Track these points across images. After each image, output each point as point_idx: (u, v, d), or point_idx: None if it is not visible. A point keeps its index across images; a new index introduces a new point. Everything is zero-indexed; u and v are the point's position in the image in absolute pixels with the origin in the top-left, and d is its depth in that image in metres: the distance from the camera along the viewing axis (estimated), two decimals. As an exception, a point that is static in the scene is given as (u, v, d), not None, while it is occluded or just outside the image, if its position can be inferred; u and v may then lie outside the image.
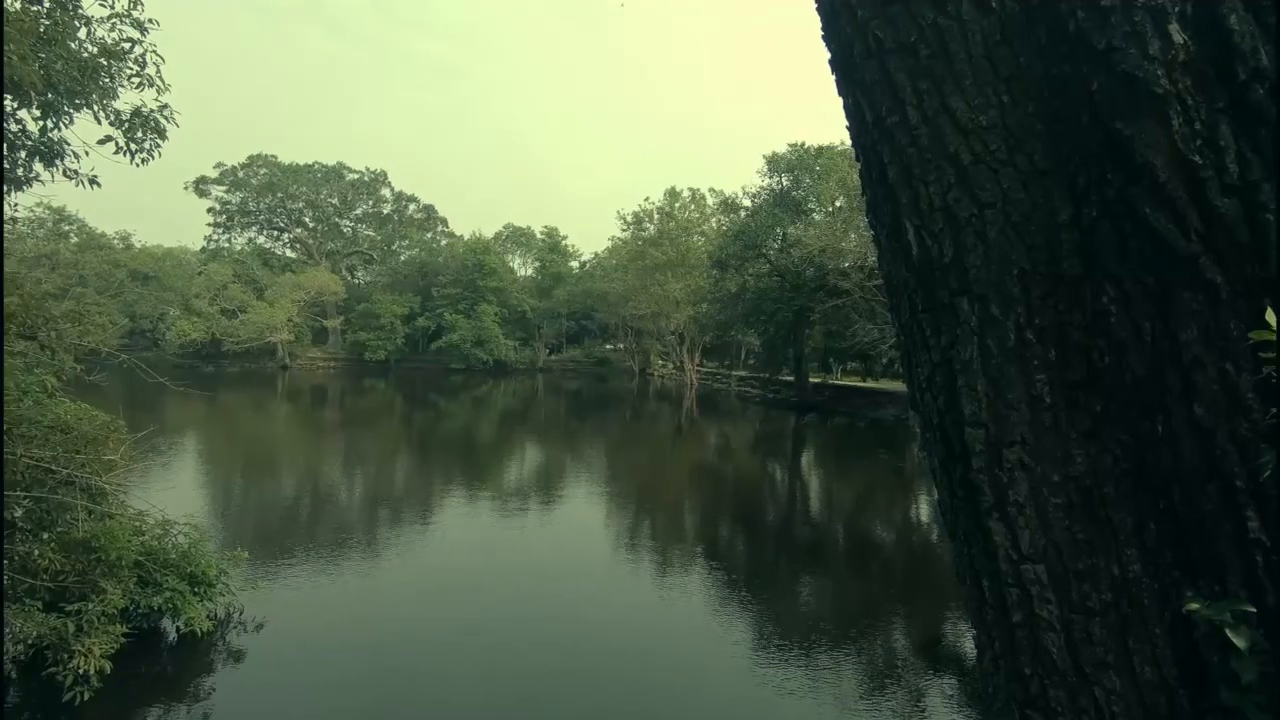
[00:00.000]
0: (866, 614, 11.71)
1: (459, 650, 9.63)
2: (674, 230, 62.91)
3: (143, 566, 8.51)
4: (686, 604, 11.73)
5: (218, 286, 68.68)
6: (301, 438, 32.59)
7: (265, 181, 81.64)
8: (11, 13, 5.19)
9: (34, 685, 7.63)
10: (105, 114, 6.03)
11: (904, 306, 1.78)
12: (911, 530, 18.46)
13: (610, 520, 17.75)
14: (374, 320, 74.29)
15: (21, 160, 5.91)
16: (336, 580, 12.30)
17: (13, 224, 6.72)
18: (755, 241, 45.37)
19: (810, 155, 47.24)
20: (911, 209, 1.68)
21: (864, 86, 1.70)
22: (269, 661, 9.06)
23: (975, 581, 1.65)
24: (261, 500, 19.55)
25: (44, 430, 7.75)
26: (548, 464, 27.53)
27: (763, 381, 54.92)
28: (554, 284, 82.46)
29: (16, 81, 4.85)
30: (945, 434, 1.66)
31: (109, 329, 15.82)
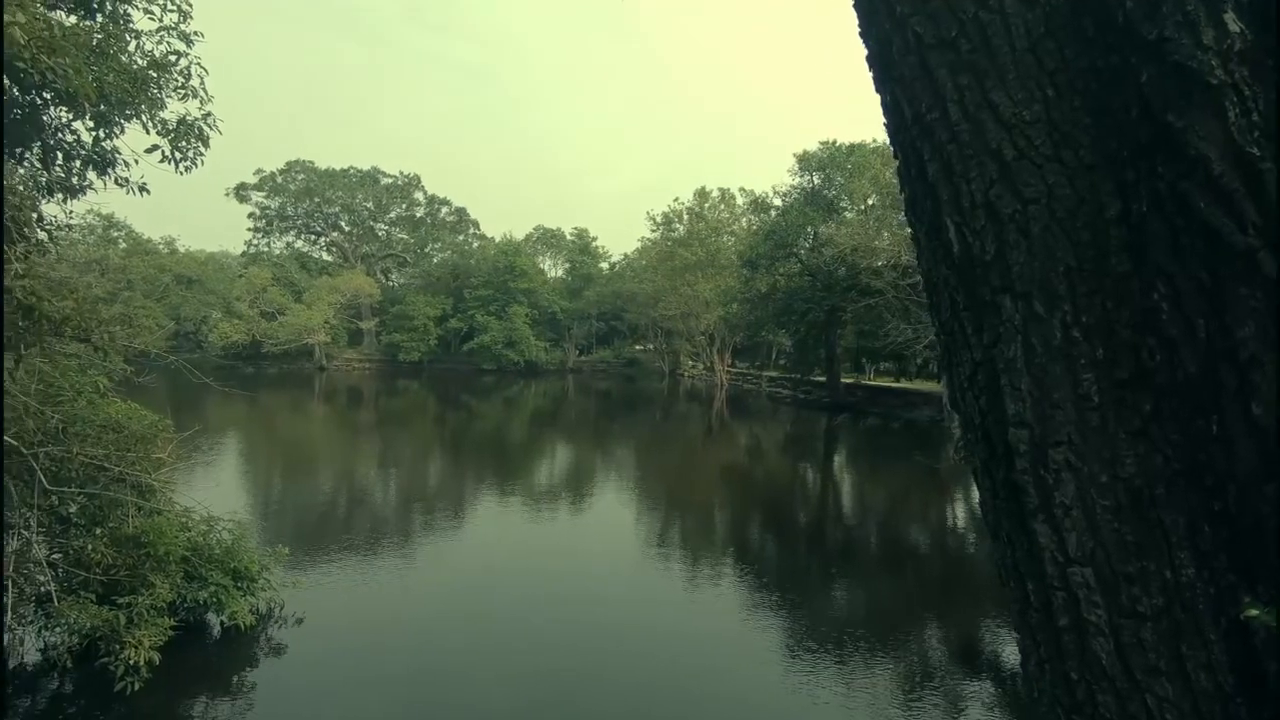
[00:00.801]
0: (901, 618, 11.53)
1: (489, 650, 9.73)
2: (703, 230, 62.78)
3: (189, 562, 8.79)
4: (717, 607, 11.68)
5: (258, 289, 70.61)
6: (338, 437, 33.29)
7: (303, 187, 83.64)
8: (66, 27, 5.42)
9: (87, 675, 7.93)
10: (153, 123, 6.25)
11: (944, 305, 1.76)
12: (947, 533, 18.14)
13: (641, 521, 17.77)
14: (408, 322, 75.53)
15: (76, 169, 6.17)
16: (372, 577, 12.53)
17: (67, 231, 7.05)
18: (786, 241, 45.02)
19: (842, 153, 46.70)
20: (952, 206, 1.65)
21: (903, 83, 1.69)
22: (309, 656, 9.27)
23: (1019, 584, 1.62)
24: (300, 498, 20.02)
25: (97, 429, 8.06)
26: (578, 464, 27.67)
27: (794, 382, 54.45)
28: (584, 285, 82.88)
29: (72, 94, 5.07)
30: (988, 434, 1.63)
31: (156, 331, 16.38)
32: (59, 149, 6.02)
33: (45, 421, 7.45)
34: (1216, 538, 1.33)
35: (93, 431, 7.99)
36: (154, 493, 8.69)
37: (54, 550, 8.24)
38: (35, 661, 8.39)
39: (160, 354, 9.02)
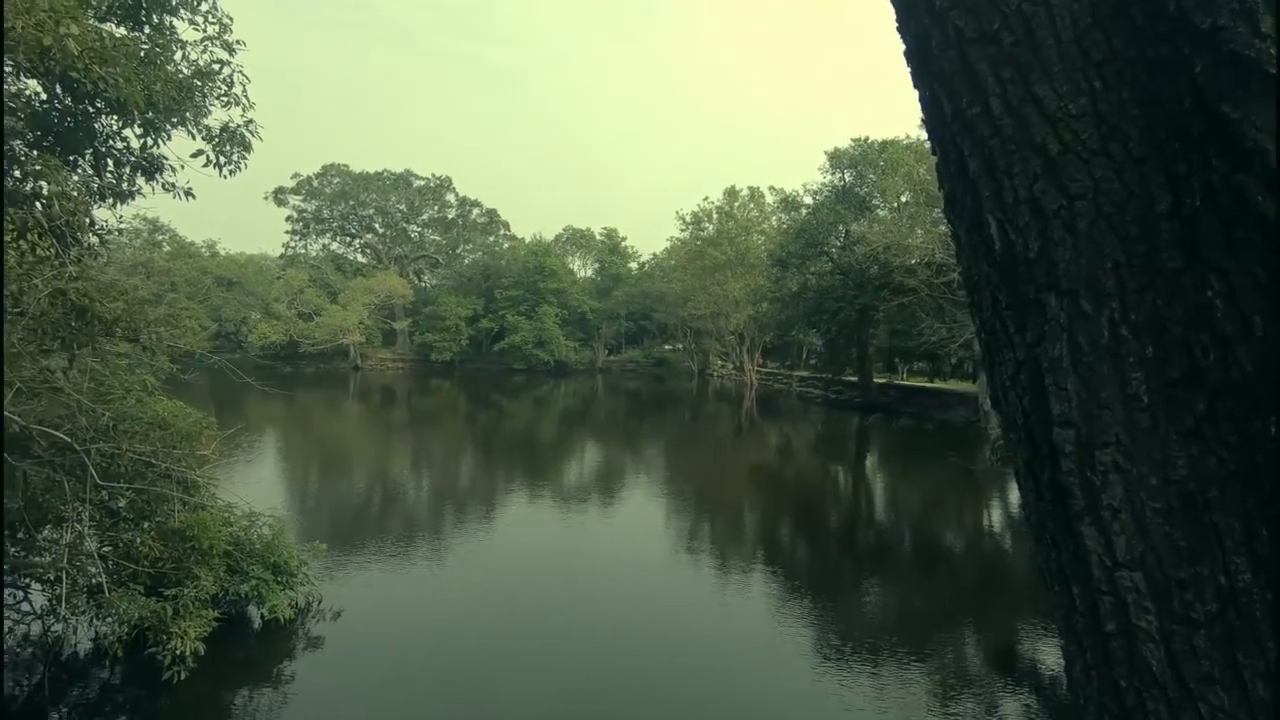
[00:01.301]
0: (936, 622, 11.33)
1: (520, 648, 9.81)
2: (733, 229, 62.46)
3: (231, 556, 9.04)
4: (747, 609, 11.62)
5: (295, 291, 72.29)
6: (373, 436, 33.89)
7: (338, 190, 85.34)
8: (116, 38, 5.62)
9: (136, 664, 8.20)
10: (198, 130, 6.45)
11: (985, 303, 1.73)
12: (983, 535, 17.79)
13: (670, 522, 17.76)
14: (440, 322, 76.56)
15: (126, 175, 6.40)
16: (407, 574, 12.75)
17: (117, 235, 7.31)
18: (817, 239, 44.57)
19: (874, 150, 46.06)
20: (994, 202, 1.62)
21: (942, 78, 1.66)
22: (347, 650, 9.46)
23: (1064, 588, 1.59)
24: (336, 495, 20.44)
25: (145, 426, 8.34)
26: (608, 464, 27.76)
27: (825, 382, 53.84)
28: (613, 285, 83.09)
29: (122, 102, 5.26)
30: (1031, 434, 1.61)
31: (199, 332, 16.88)
32: (110, 155, 6.26)
33: (97, 419, 7.74)
34: (1275, 542, 1.29)
35: (141, 429, 8.27)
36: (198, 488, 8.96)
37: (104, 543, 8.55)
38: (87, 650, 8.72)
39: (204, 354, 9.30)
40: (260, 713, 7.98)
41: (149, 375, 9.47)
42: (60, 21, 4.57)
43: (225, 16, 7.40)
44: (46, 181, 5.35)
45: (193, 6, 7.34)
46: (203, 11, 7.42)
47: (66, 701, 8.14)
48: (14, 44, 4.42)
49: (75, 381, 7.78)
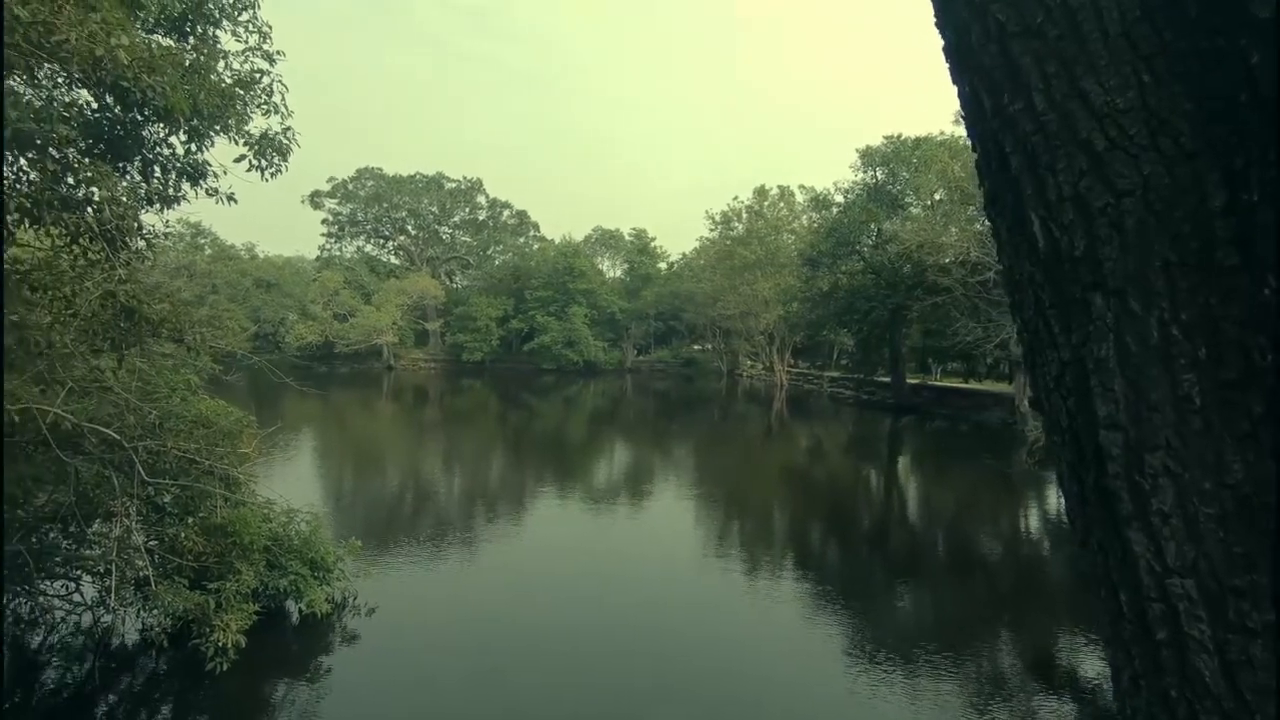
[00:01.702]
0: (971, 628, 11.11)
1: (548, 647, 9.87)
2: (763, 229, 62.09)
3: (270, 551, 9.26)
4: (776, 612, 11.53)
5: (330, 292, 73.83)
6: (407, 435, 34.43)
7: (372, 193, 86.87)
8: (163, 48, 5.82)
9: (180, 655, 8.46)
10: (239, 137, 6.64)
11: (1028, 302, 1.70)
12: (1020, 540, 17.39)
13: (699, 522, 17.72)
14: (471, 323, 77.48)
15: (171, 181, 6.62)
16: (439, 572, 12.93)
17: (163, 239, 7.57)
18: (848, 238, 44.05)
19: (907, 147, 45.35)
20: (1037, 200, 1.59)
21: (982, 73, 1.64)
22: (381, 645, 9.63)
23: (1111, 594, 1.55)
24: (370, 493, 20.81)
25: (189, 425, 8.60)
26: (636, 464, 27.80)
27: (857, 382, 53.19)
28: (642, 285, 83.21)
29: (168, 110, 5.44)
30: (1076, 437, 1.57)
31: (239, 333, 17.38)
32: (157, 162, 6.48)
33: (144, 417, 8.01)
34: (1337, 551, 1.24)
35: (185, 427, 8.53)
36: (239, 485, 9.20)
37: (151, 537, 8.82)
38: (134, 641, 9.01)
39: (244, 354, 9.55)
40: (298, 705, 8.16)
41: (192, 375, 9.77)
42: (111, 33, 4.75)
43: (265, 26, 7.61)
44: (98, 188, 5.56)
45: (234, 17, 7.56)
46: (243, 22, 7.63)
47: (115, 690, 8.42)
48: (68, 55, 4.61)
49: (124, 381, 8.06)
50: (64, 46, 4.53)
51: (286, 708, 8.13)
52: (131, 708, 8.15)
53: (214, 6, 7.23)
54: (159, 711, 8.16)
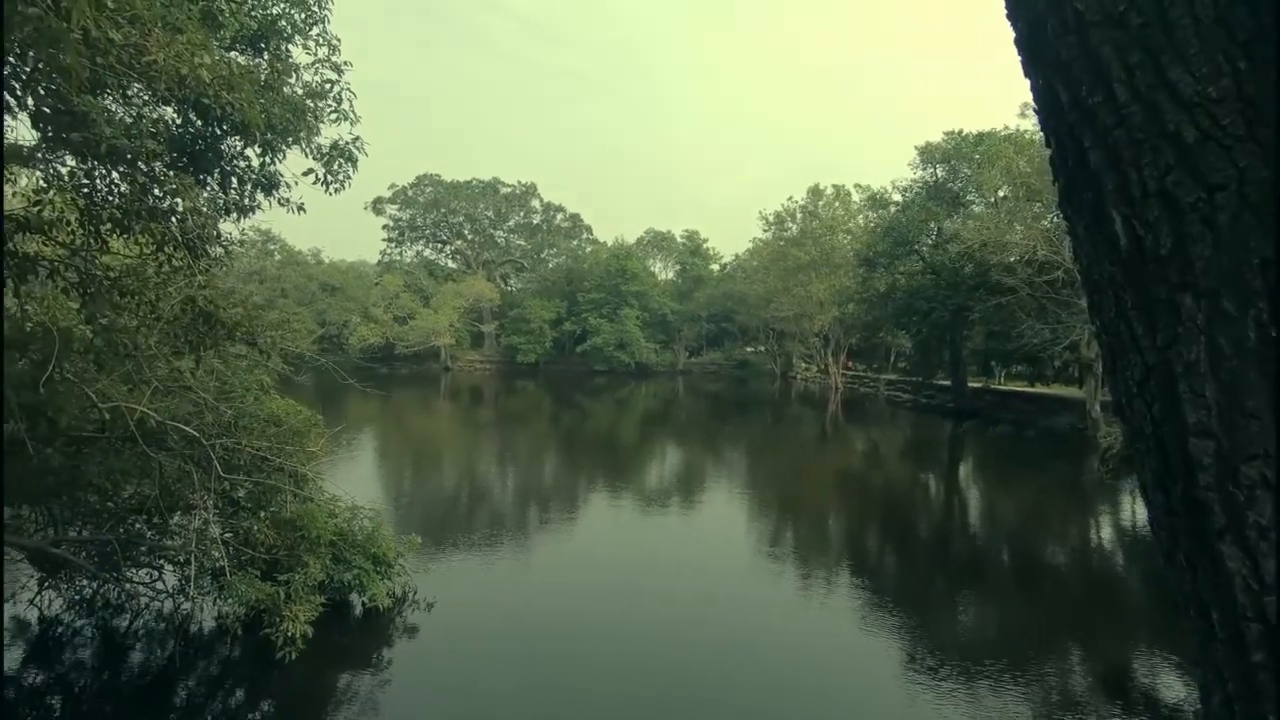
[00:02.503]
0: (1037, 642, 10.66)
1: (600, 644, 9.94)
2: (817, 229, 61.14)
3: (336, 546, 9.61)
4: (831, 620, 11.30)
5: (391, 296, 76.32)
6: (463, 435, 35.25)
7: (431, 199, 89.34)
8: (241, 65, 6.14)
9: (252, 643, 8.86)
10: (309, 148, 6.95)
11: (1108, 304, 1.63)
12: (1090, 551, 16.60)
13: (751, 527, 17.55)
14: (525, 325, 78.82)
15: (247, 191, 6.98)
16: (495, 569, 13.19)
17: (238, 246, 8.03)
18: (906, 237, 42.94)
19: (969, 143, 43.91)
20: (1119, 196, 1.53)
21: (1058, 66, 1.58)
22: (440, 638, 9.88)
23: (1201, 613, 1.47)
24: (428, 490, 21.38)
25: (261, 423, 9.03)
26: (688, 466, 27.73)
27: (915, 385, 51.79)
28: (694, 287, 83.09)
29: (245, 124, 5.74)
30: (1162, 445, 1.50)
31: (306, 335, 18.18)
32: (234, 174, 6.84)
33: (221, 415, 8.45)
34: None
35: (258, 425, 8.96)
36: (307, 481, 9.60)
37: (226, 530, 9.28)
38: (211, 628, 9.49)
39: (314, 355, 9.97)
40: (361, 695, 8.44)
41: (264, 375, 10.24)
42: (195, 53, 5.04)
43: (334, 39, 7.93)
44: (182, 199, 5.91)
45: (305, 32, 7.90)
46: (313, 36, 7.97)
47: (194, 674, 8.88)
48: (156, 74, 4.92)
49: (202, 381, 8.53)
50: (153, 66, 4.83)
51: (350, 697, 8.41)
52: (209, 691, 8.58)
53: (286, 23, 7.60)
54: (234, 696, 8.56)
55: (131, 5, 4.87)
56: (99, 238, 6.21)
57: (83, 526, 9.56)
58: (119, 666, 8.96)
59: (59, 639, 9.51)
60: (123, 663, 9.07)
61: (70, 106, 4.76)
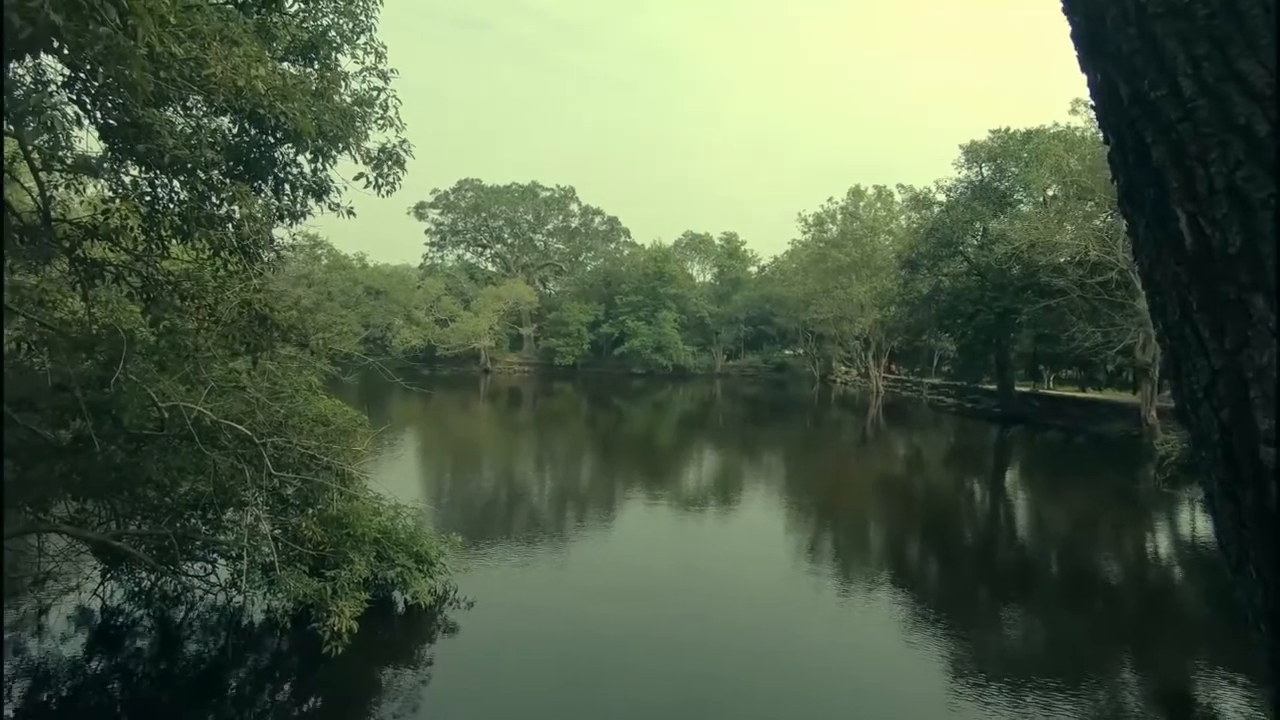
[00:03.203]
0: (1089, 658, 10.29)
1: (636, 647, 9.94)
2: (858, 230, 60.31)
3: (380, 543, 9.82)
4: (871, 629, 11.09)
5: (432, 299, 77.87)
6: (502, 436, 35.69)
7: (471, 203, 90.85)
8: (293, 74, 6.36)
9: (300, 637, 9.11)
10: (359, 153, 7.16)
11: (1171, 306, 1.58)
12: (1147, 565, 15.95)
13: (789, 531, 17.36)
14: (563, 327, 79.52)
15: (299, 197, 7.23)
16: (533, 570, 13.32)
17: (291, 250, 8.32)
18: (950, 238, 42.04)
19: (1016, 141, 42.77)
20: (1184, 194, 1.48)
21: (1118, 59, 1.54)
22: (480, 636, 10.02)
23: (1274, 629, 1.41)
24: (468, 490, 21.71)
25: (310, 423, 9.30)
26: (726, 469, 27.58)
27: (959, 390, 50.58)
28: (732, 289, 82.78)
29: (298, 132, 5.95)
30: (1230, 453, 1.44)
31: (352, 338, 18.71)
32: (286, 180, 7.08)
33: (272, 414, 8.74)
34: None
35: (306, 424, 9.23)
36: (353, 480, 9.84)
37: (275, 526, 9.57)
38: (261, 621, 9.79)
39: (360, 357, 10.23)
40: (404, 691, 8.61)
41: (313, 376, 10.54)
42: (251, 65, 5.25)
43: (380, 46, 8.16)
44: (238, 205, 6.15)
45: (353, 41, 8.13)
46: (361, 44, 8.20)
47: (245, 665, 9.18)
48: (215, 86, 5.13)
49: (255, 381, 8.83)
50: (211, 79, 5.05)
51: (393, 692, 8.59)
52: (259, 682, 8.85)
53: (336, 33, 7.84)
54: (282, 688, 8.82)
55: (192, 21, 5.10)
56: (161, 243, 6.50)
57: (142, 521, 9.96)
58: (175, 656, 9.32)
59: (120, 628, 9.93)
60: (178, 653, 9.42)
61: (136, 119, 5.01)
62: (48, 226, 6.14)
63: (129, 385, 7.06)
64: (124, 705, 8.18)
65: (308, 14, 7.89)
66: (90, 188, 7.48)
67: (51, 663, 8.84)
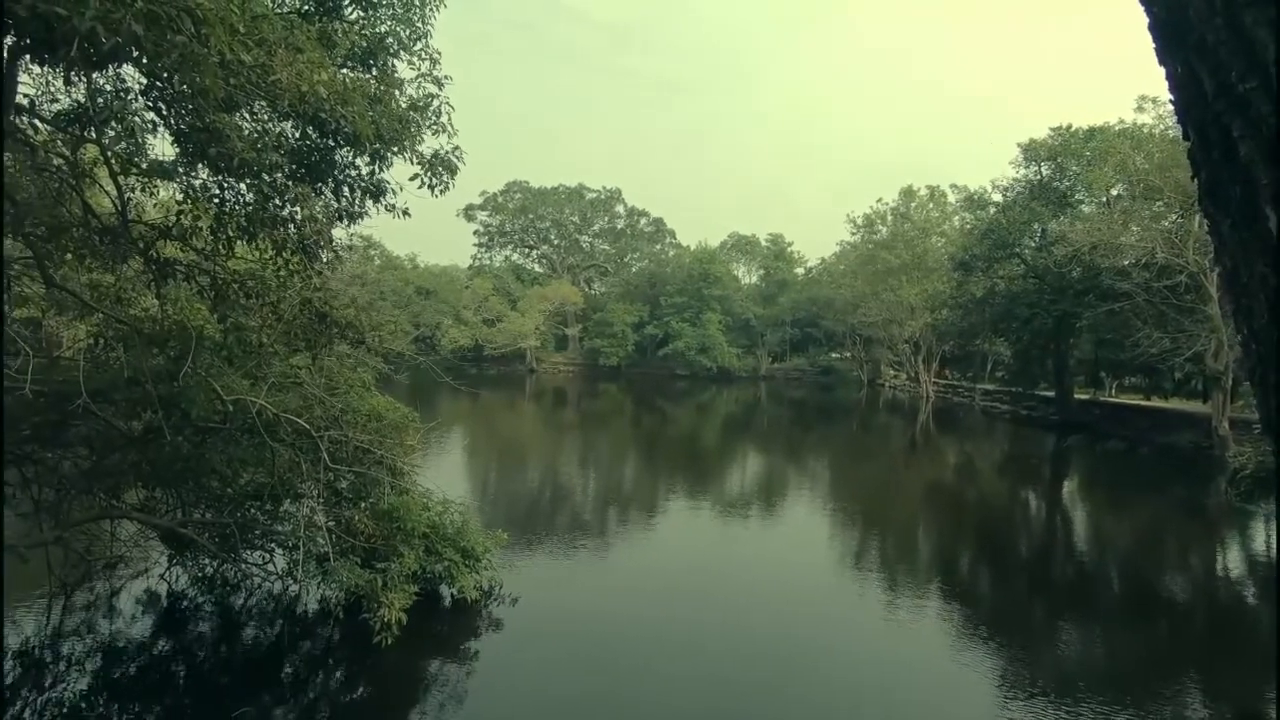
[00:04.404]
0: (1152, 681, 9.82)
1: (678, 650, 9.89)
2: (909, 232, 59.00)
3: (428, 538, 10.03)
4: (917, 643, 10.79)
5: (480, 299, 79.30)
6: (547, 435, 36.09)
7: (519, 205, 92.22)
8: (352, 79, 6.58)
9: (352, 627, 9.38)
10: (413, 157, 7.36)
11: (1259, 309, 1.51)
12: (1216, 583, 15.13)
13: (835, 538, 17.07)
14: (608, 328, 79.99)
15: (357, 199, 7.48)
16: (577, 568, 13.44)
17: (348, 250, 8.63)
18: (1007, 239, 40.74)
19: (1078, 139, 41.20)
20: (1274, 191, 1.42)
21: (1202, 50, 1.48)
22: (524, 632, 10.14)
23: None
24: (513, 487, 22.02)
25: (363, 418, 9.58)
26: (769, 474, 27.30)
27: (1014, 396, 48.97)
28: (778, 291, 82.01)
29: (357, 136, 6.15)
30: (1322, 463, 1.36)
31: (404, 336, 19.22)
32: (345, 183, 7.33)
33: (329, 410, 9.03)
34: None
35: (360, 420, 9.51)
36: (404, 475, 10.09)
37: (330, 518, 9.88)
38: (314, 610, 10.11)
39: (412, 354, 10.49)
40: (450, 683, 8.78)
41: (366, 373, 10.86)
42: (314, 71, 5.45)
43: (435, 53, 8.36)
44: (300, 207, 6.39)
45: (409, 48, 8.36)
46: (416, 51, 8.42)
47: (299, 652, 9.50)
48: (280, 92, 5.35)
49: (313, 378, 9.15)
50: (277, 85, 5.26)
51: (439, 684, 8.76)
52: (312, 669, 9.15)
53: (393, 40, 8.07)
54: (334, 675, 9.09)
55: (260, 29, 5.32)
56: (228, 243, 6.80)
57: (206, 509, 10.41)
58: (234, 641, 9.70)
59: (184, 612, 10.39)
60: (238, 637, 9.81)
61: (208, 124, 5.26)
62: (125, 227, 6.48)
63: (196, 380, 7.39)
64: (187, 685, 8.54)
65: (367, 21, 8.15)
66: (163, 191, 7.86)
67: (122, 641, 9.31)
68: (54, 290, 6.84)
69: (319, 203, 7.10)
